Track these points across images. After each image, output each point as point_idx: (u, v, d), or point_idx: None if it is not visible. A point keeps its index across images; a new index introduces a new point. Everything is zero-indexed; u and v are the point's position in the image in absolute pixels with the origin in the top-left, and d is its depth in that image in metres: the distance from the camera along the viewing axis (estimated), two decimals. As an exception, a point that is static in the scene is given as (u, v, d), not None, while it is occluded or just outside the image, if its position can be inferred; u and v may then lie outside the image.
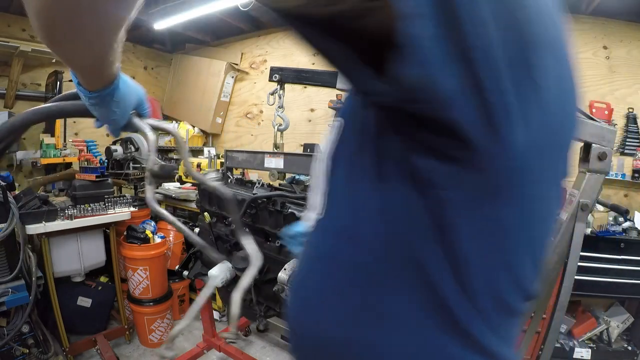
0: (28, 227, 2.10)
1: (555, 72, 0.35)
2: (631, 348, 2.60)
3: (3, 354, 1.93)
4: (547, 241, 0.44)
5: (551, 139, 0.36)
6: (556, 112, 0.36)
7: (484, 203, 0.35)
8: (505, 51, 0.29)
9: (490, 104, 0.30)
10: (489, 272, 0.38)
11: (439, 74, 0.28)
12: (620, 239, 2.48)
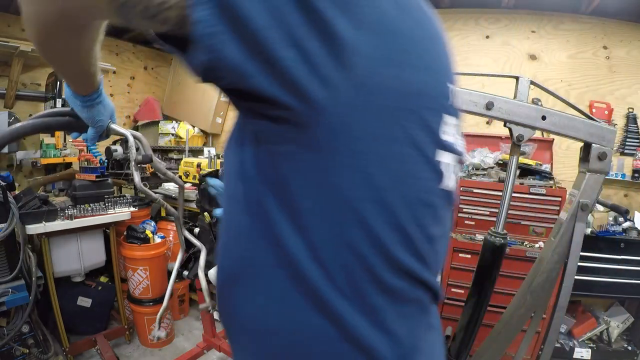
0: (28, 227, 2.10)
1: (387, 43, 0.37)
2: (631, 348, 2.60)
3: (3, 354, 1.93)
4: (421, 210, 0.44)
5: (374, 100, 0.37)
6: (383, 75, 0.37)
7: (310, 157, 0.38)
8: (287, 23, 0.33)
9: (279, 69, 0.33)
10: (330, 231, 0.40)
11: (225, 52, 0.33)
12: (620, 239, 2.48)
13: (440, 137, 0.44)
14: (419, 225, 0.44)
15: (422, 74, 0.41)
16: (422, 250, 0.45)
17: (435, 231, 0.47)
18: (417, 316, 0.49)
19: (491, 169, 2.70)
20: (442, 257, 0.53)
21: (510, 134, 1.25)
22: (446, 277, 2.57)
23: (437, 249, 0.49)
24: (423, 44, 0.41)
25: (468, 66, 3.23)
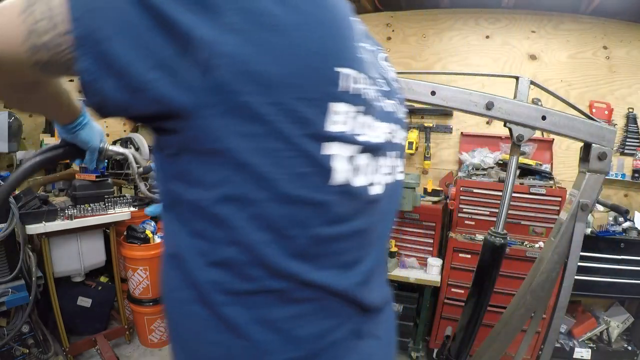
0: (28, 227, 2.10)
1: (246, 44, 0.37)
2: (631, 348, 2.60)
3: (3, 354, 1.93)
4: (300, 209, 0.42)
5: (235, 98, 0.38)
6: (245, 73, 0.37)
7: (184, 159, 0.43)
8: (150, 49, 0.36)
9: (149, 91, 0.38)
10: (205, 231, 0.43)
11: (106, 92, 0.38)
12: (620, 239, 2.48)
13: (324, 129, 0.41)
14: (298, 225, 0.43)
15: (294, 65, 0.39)
16: (307, 251, 0.44)
17: (328, 231, 0.44)
18: (320, 319, 0.47)
19: (491, 169, 2.70)
20: (359, 255, 0.50)
21: (510, 134, 1.25)
22: (446, 277, 2.57)
23: (342, 247, 0.47)
24: (301, 33, 0.39)
25: (468, 66, 3.23)
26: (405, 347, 2.73)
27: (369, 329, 0.55)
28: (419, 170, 3.40)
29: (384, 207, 0.54)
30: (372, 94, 0.48)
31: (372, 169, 0.49)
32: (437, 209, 2.71)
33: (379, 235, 0.56)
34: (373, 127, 0.48)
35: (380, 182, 0.51)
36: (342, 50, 0.43)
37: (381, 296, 0.58)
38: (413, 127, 3.32)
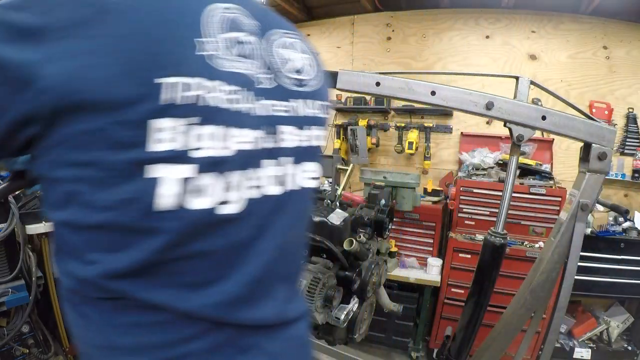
0: (28, 227, 2.09)
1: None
2: (631, 348, 2.60)
3: (3, 354, 1.93)
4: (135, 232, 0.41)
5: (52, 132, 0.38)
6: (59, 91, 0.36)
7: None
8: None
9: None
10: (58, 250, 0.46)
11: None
12: (620, 239, 2.48)
13: (145, 151, 0.38)
14: (122, 249, 0.42)
15: (106, 88, 0.37)
16: (137, 271, 0.42)
17: (160, 255, 0.42)
18: (168, 331, 0.46)
19: (491, 169, 2.70)
20: (216, 275, 0.47)
21: (510, 134, 1.25)
22: (446, 277, 2.57)
23: (182, 269, 0.45)
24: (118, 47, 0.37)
25: (468, 66, 3.23)
26: (405, 347, 2.73)
27: (258, 344, 0.53)
28: (419, 170, 3.40)
29: (263, 221, 0.50)
30: (222, 98, 0.43)
31: (224, 187, 0.44)
32: (437, 209, 2.71)
33: (260, 251, 0.51)
34: (223, 137, 0.43)
35: (240, 198, 0.46)
36: (167, 56, 0.39)
37: (277, 313, 0.55)
38: (413, 127, 3.33)
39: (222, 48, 0.44)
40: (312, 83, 0.58)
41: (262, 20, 0.52)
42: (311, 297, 1.16)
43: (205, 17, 0.43)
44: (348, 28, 3.75)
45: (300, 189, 0.56)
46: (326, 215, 1.34)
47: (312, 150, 0.58)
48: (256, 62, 0.49)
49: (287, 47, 0.55)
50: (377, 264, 1.35)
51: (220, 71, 0.43)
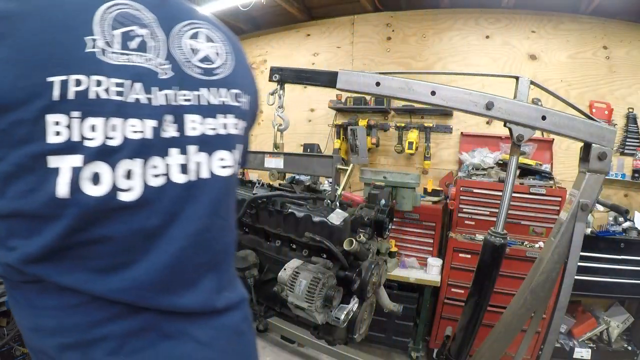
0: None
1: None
2: (631, 348, 2.60)
3: (3, 354, 1.93)
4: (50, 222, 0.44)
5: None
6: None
7: None
8: None
9: None
10: None
11: None
12: (620, 239, 2.48)
13: (45, 143, 0.42)
14: (28, 236, 0.46)
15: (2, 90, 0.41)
16: (45, 257, 0.46)
17: (62, 240, 0.45)
18: (84, 313, 0.49)
19: (491, 169, 2.70)
20: (122, 261, 0.49)
21: (510, 134, 1.25)
22: (446, 277, 2.57)
23: (87, 253, 0.48)
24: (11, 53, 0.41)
25: (468, 66, 3.24)
26: (405, 347, 2.73)
27: (184, 331, 0.55)
28: (419, 170, 3.40)
29: (171, 209, 0.52)
30: (113, 90, 0.46)
31: (122, 174, 0.46)
32: (437, 209, 2.71)
33: (172, 238, 0.52)
34: (116, 127, 0.46)
35: (140, 185, 0.48)
36: (58, 56, 0.43)
37: (204, 301, 0.57)
38: (413, 127, 3.33)
39: (116, 43, 0.47)
40: (219, 71, 0.60)
41: (165, 13, 0.55)
42: (311, 297, 1.16)
43: (98, 15, 0.46)
44: (348, 28, 3.75)
45: (212, 177, 0.57)
46: (326, 215, 1.34)
47: (225, 138, 0.59)
48: (155, 54, 0.52)
49: (192, 37, 0.58)
50: (377, 264, 1.35)
51: (112, 65, 0.46)
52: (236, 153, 0.62)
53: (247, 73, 0.71)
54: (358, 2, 3.47)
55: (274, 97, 1.61)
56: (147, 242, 0.51)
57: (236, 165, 0.62)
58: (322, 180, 2.72)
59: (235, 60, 0.64)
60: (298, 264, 1.28)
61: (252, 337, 0.73)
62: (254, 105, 0.72)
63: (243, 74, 0.67)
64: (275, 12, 3.88)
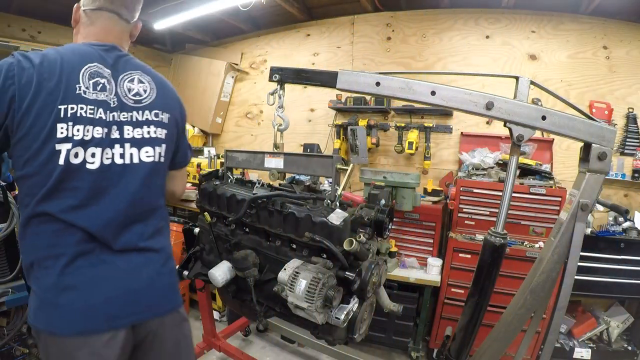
0: (28, 227, 2.09)
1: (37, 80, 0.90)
2: (631, 348, 2.60)
3: (3, 354, 1.93)
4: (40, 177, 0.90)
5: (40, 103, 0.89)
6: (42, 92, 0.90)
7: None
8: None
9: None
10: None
11: None
12: (620, 239, 2.48)
13: (56, 136, 0.89)
14: (38, 186, 0.90)
15: (37, 111, 0.89)
16: (45, 195, 0.90)
17: (56, 185, 0.90)
18: (52, 237, 0.92)
19: (491, 169, 2.70)
20: (84, 203, 0.93)
21: (510, 134, 1.25)
22: (446, 277, 2.57)
23: (68, 195, 0.92)
24: (41, 93, 0.90)
25: (468, 66, 3.24)
26: (405, 347, 2.73)
27: (113, 259, 0.97)
28: (419, 170, 3.40)
29: (115, 178, 0.98)
30: (88, 111, 0.93)
31: (90, 154, 0.94)
32: (437, 209, 2.71)
33: (114, 197, 0.97)
34: (87, 130, 0.93)
35: (99, 162, 0.95)
36: (63, 94, 0.90)
37: (129, 241, 1.00)
38: (413, 127, 3.33)
39: (90, 87, 0.95)
40: (145, 100, 1.06)
41: (115, 69, 1.01)
42: (311, 297, 1.16)
43: (82, 72, 0.94)
44: (348, 28, 3.75)
45: (140, 163, 1.03)
46: (326, 215, 1.33)
47: (148, 140, 1.05)
48: (109, 92, 0.98)
49: (129, 81, 1.04)
50: (377, 264, 1.35)
51: (88, 99, 0.94)
52: (157, 149, 1.07)
53: (168, 99, 1.13)
54: (358, 2, 3.47)
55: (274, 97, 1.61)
56: (100, 195, 0.96)
57: (159, 156, 1.07)
58: (322, 180, 2.72)
59: (157, 93, 1.09)
60: (298, 264, 1.28)
61: (168, 277, 1.10)
62: (174, 119, 1.14)
63: (163, 101, 1.10)
64: (275, 12, 3.88)
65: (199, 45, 4.67)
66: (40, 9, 3.55)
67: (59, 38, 3.79)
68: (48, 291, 0.90)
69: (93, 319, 0.92)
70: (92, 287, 0.92)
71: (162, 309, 1.06)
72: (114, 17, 1.06)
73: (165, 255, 1.08)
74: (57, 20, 3.74)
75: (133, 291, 0.98)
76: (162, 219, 1.11)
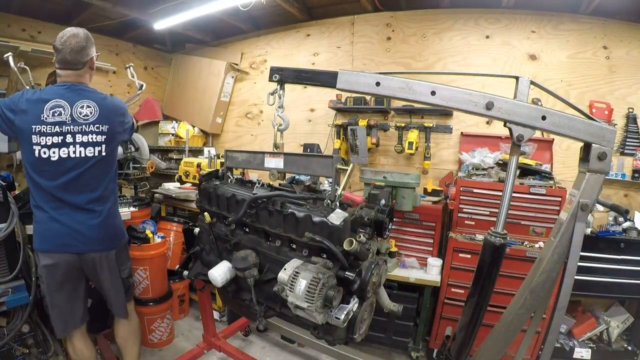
0: (28, 227, 2.09)
1: (23, 115, 1.67)
2: (631, 348, 2.60)
3: (3, 354, 1.93)
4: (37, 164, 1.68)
5: (24, 127, 1.66)
6: (23, 120, 1.66)
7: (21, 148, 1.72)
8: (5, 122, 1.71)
9: (9, 131, 1.74)
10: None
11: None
12: (620, 239, 2.48)
13: (32, 142, 1.64)
14: (37, 167, 1.67)
15: (24, 127, 1.65)
16: (34, 170, 1.68)
17: (40, 167, 1.66)
18: (53, 204, 1.70)
19: (491, 169, 2.70)
20: (54, 177, 1.68)
21: (510, 134, 1.25)
22: (446, 277, 2.57)
23: (46, 172, 1.67)
24: (24, 116, 1.65)
25: (468, 66, 3.24)
26: (405, 347, 2.73)
27: (69, 213, 1.71)
28: (419, 170, 3.40)
29: (68, 164, 1.68)
30: (49, 128, 1.65)
31: (53, 151, 1.65)
32: (437, 209, 2.71)
33: (69, 176, 1.69)
34: (51, 137, 1.65)
35: (57, 155, 1.66)
36: (35, 119, 1.64)
37: (79, 202, 1.72)
38: (413, 127, 3.33)
39: (49, 115, 1.66)
40: (91, 119, 1.72)
41: (71, 100, 1.70)
42: (311, 297, 1.16)
43: (45, 107, 1.66)
44: (348, 28, 3.75)
45: (85, 157, 1.71)
46: (326, 215, 1.33)
47: (92, 143, 1.72)
48: (65, 116, 1.68)
49: (81, 107, 1.71)
50: (377, 264, 1.35)
51: (49, 122, 1.66)
52: (97, 148, 1.74)
53: (107, 115, 1.78)
54: (358, 2, 3.47)
55: (274, 97, 1.61)
56: (62, 174, 1.68)
57: (99, 153, 1.75)
58: (322, 180, 2.72)
59: (99, 112, 1.74)
60: (298, 264, 1.28)
61: (107, 228, 1.83)
62: (112, 128, 1.80)
63: (103, 117, 1.75)
64: (275, 12, 3.88)
65: (199, 45, 4.67)
66: (40, 9, 3.55)
67: (59, 38, 3.79)
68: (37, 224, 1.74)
69: (50, 244, 1.72)
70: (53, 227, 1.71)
71: (96, 248, 1.78)
72: (68, 70, 1.73)
73: (103, 215, 1.78)
74: (57, 20, 3.74)
75: (76, 232, 1.72)
76: (105, 191, 1.80)
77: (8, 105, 1.66)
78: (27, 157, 1.66)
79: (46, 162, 1.64)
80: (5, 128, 1.69)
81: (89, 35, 1.77)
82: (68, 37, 1.69)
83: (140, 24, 3.89)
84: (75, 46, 1.69)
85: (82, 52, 1.71)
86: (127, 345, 2.08)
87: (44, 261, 1.71)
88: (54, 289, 1.76)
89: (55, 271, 1.72)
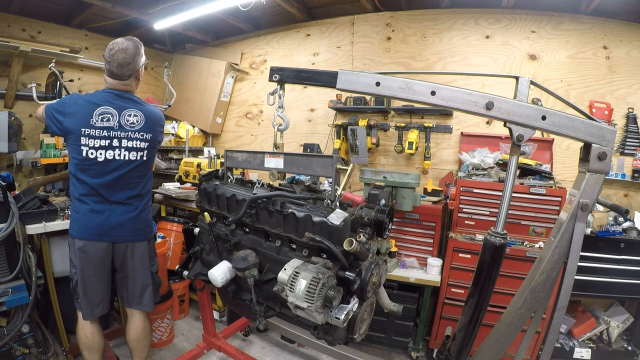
0: (28, 227, 2.10)
1: (72, 117, 1.82)
2: (631, 348, 2.60)
3: (3, 354, 1.93)
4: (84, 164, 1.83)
5: (69, 132, 1.82)
6: (72, 122, 1.81)
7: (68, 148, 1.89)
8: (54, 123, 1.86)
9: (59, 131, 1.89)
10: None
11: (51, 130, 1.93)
12: (620, 239, 2.48)
13: (81, 142, 1.80)
14: (81, 167, 1.82)
15: (75, 128, 1.80)
16: (80, 170, 1.83)
17: (85, 165, 1.82)
18: (94, 199, 1.87)
19: (491, 169, 2.70)
20: (99, 175, 1.84)
21: (510, 134, 1.25)
22: (446, 277, 2.57)
23: (91, 171, 1.83)
24: (74, 118, 1.80)
25: (468, 66, 3.24)
26: (405, 347, 2.73)
27: (110, 207, 1.88)
28: (419, 170, 3.40)
29: (114, 166, 1.85)
30: (99, 132, 1.81)
31: (99, 153, 1.82)
32: (437, 209, 2.71)
33: (113, 175, 1.85)
34: (99, 140, 1.82)
35: (104, 157, 1.83)
36: (85, 123, 1.80)
37: (119, 199, 1.89)
38: (413, 127, 3.33)
39: (100, 119, 1.82)
40: (137, 127, 1.90)
41: (119, 107, 1.86)
42: (311, 297, 1.16)
43: (95, 112, 1.81)
44: (348, 28, 3.75)
45: (129, 159, 1.89)
46: (326, 215, 1.33)
47: (136, 148, 1.90)
48: (113, 122, 1.84)
49: (128, 115, 1.88)
50: (377, 264, 1.35)
51: (97, 126, 1.81)
52: (140, 153, 1.92)
53: (151, 125, 1.95)
54: (358, 2, 3.47)
55: (274, 97, 1.61)
56: (106, 173, 1.85)
57: (140, 157, 1.92)
58: (322, 180, 2.72)
59: (145, 121, 1.92)
60: (298, 264, 1.28)
61: (140, 222, 1.99)
62: (154, 137, 1.97)
63: (148, 126, 1.93)
64: (275, 12, 3.88)
65: (199, 45, 4.67)
66: (40, 9, 3.55)
67: (59, 38, 3.79)
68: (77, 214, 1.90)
69: (88, 233, 1.86)
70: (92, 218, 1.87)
71: (129, 238, 1.94)
72: (115, 80, 1.88)
73: (139, 210, 1.96)
74: (57, 20, 3.74)
75: (113, 223, 1.88)
76: (142, 189, 1.97)
77: (57, 109, 1.81)
78: (74, 155, 1.81)
79: (92, 162, 1.80)
80: (54, 129, 1.83)
81: (139, 47, 1.89)
82: (117, 51, 1.83)
83: (140, 24, 3.89)
84: (122, 62, 1.82)
85: (128, 66, 1.84)
86: (139, 347, 2.10)
87: (79, 246, 1.84)
88: (90, 274, 1.87)
89: (90, 257, 1.85)
